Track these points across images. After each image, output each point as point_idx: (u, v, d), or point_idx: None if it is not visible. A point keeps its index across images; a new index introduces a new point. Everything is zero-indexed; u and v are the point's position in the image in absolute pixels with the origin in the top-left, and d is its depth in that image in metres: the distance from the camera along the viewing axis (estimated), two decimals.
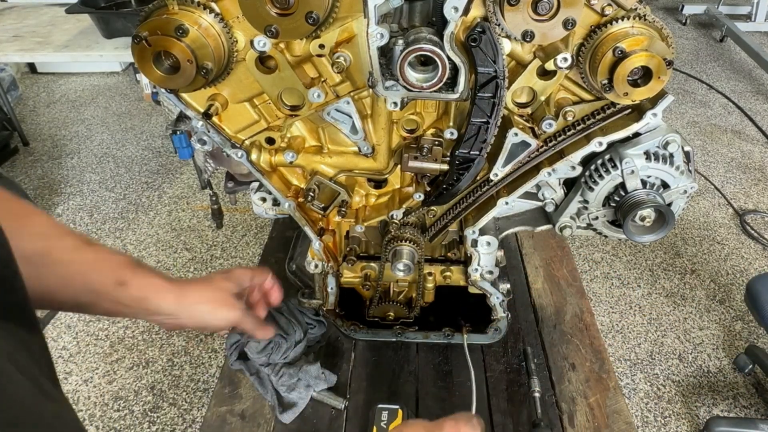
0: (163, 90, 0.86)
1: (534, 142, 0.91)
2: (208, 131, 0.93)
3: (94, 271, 0.73)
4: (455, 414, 0.79)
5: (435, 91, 0.83)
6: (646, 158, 0.91)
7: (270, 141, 0.97)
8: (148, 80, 0.81)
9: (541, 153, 0.94)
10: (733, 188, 3.35)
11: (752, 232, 2.99)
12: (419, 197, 1.05)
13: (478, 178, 0.99)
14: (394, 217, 1.07)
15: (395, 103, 0.87)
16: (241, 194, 1.18)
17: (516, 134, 0.90)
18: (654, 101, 0.87)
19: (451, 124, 0.96)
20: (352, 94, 0.88)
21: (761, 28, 5.28)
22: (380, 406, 1.07)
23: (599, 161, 0.93)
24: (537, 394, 1.16)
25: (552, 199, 1.02)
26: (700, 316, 2.57)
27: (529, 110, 0.93)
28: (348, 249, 1.15)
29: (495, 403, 1.17)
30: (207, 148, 0.96)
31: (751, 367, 2.24)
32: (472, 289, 1.19)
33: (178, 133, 1.02)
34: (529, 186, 0.98)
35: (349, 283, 1.24)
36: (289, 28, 0.76)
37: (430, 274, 1.20)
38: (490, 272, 1.13)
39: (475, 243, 1.08)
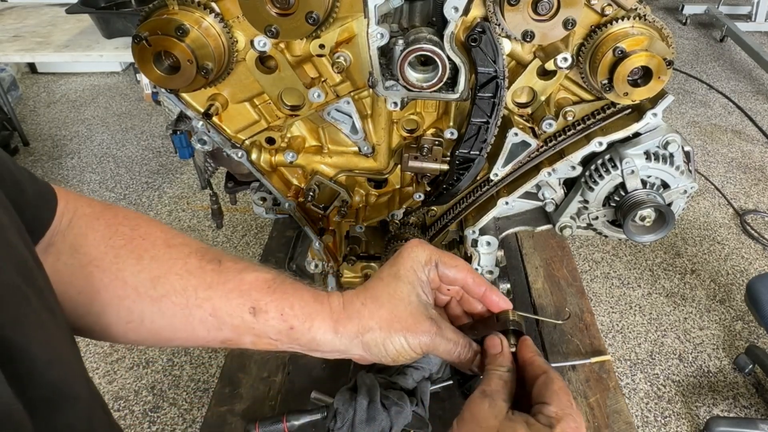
0: (163, 90, 0.86)
1: (534, 142, 0.91)
2: (209, 131, 0.93)
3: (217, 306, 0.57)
4: None
5: (435, 91, 0.83)
6: (646, 158, 0.91)
7: (270, 141, 0.97)
8: (148, 80, 0.81)
9: (541, 153, 0.94)
10: (733, 188, 3.34)
11: (752, 232, 2.99)
12: (419, 197, 1.05)
13: (478, 178, 0.99)
14: (395, 217, 1.07)
15: (395, 103, 0.87)
16: (242, 194, 1.19)
17: (516, 134, 0.90)
18: (654, 101, 0.87)
19: (451, 124, 0.96)
20: (352, 94, 0.88)
21: (761, 28, 5.27)
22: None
23: (599, 161, 0.93)
24: None
25: (552, 199, 1.02)
26: (700, 316, 2.56)
27: (529, 110, 0.93)
28: (348, 249, 1.15)
29: None
30: (207, 148, 0.96)
31: (751, 367, 2.24)
32: None
33: (178, 133, 1.02)
34: (529, 186, 0.98)
35: (349, 283, 1.24)
36: (289, 28, 0.76)
37: None
38: (490, 272, 1.13)
39: (475, 243, 1.08)
